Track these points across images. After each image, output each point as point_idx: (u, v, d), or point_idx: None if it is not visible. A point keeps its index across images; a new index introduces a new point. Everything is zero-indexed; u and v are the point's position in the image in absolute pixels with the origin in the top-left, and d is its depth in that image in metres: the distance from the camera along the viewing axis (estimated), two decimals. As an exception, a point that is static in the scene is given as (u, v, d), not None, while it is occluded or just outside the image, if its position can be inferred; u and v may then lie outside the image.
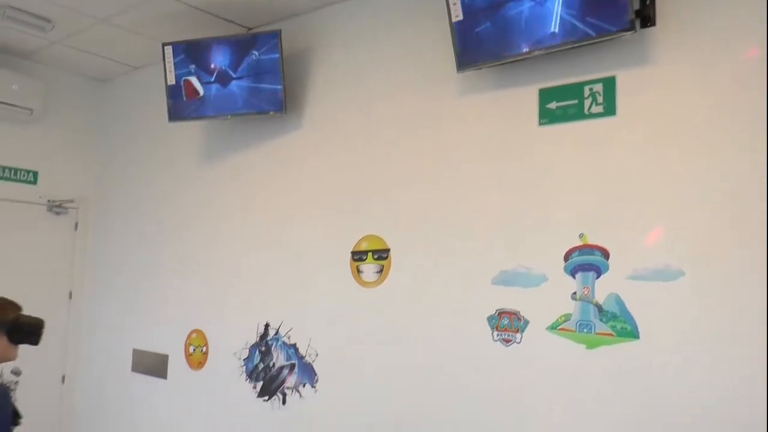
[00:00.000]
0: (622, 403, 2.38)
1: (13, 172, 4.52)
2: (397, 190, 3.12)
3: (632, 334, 2.37)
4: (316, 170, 3.48)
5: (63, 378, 4.76)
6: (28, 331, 2.48)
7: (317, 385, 3.32)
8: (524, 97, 2.74)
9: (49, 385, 4.65)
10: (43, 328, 2.54)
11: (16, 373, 2.81)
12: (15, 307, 2.50)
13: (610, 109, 2.50)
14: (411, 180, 3.07)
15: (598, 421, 2.42)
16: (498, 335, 2.71)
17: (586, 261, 2.50)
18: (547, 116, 2.66)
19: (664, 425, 2.28)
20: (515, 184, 2.74)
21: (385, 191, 3.16)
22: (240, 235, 3.82)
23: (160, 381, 4.19)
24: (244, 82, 3.50)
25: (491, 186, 2.81)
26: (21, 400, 3.34)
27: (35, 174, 4.63)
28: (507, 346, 2.68)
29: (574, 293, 2.52)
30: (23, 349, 2.49)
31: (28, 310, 2.67)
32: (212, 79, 3.59)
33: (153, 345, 4.28)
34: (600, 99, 2.52)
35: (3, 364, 2.55)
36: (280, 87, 3.40)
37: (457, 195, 2.91)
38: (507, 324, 2.68)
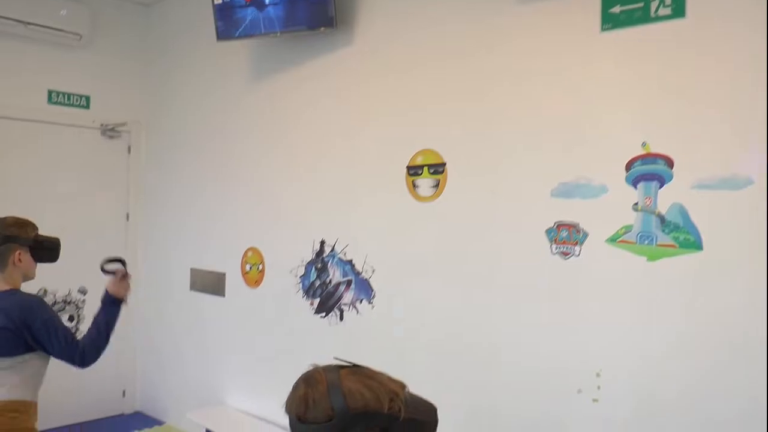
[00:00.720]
0: (684, 316, 2.35)
1: (66, 97, 4.59)
2: (453, 103, 3.05)
3: (695, 245, 2.32)
4: (369, 85, 3.43)
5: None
6: (48, 248, 2.60)
7: (374, 301, 3.37)
8: (586, 3, 2.61)
9: (113, 304, 4.83)
10: (60, 245, 2.66)
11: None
12: (33, 225, 2.59)
13: (679, 11, 2.36)
14: (467, 92, 3.00)
15: (659, 333, 2.41)
16: (556, 248, 2.69)
17: (649, 170, 2.43)
18: (610, 21, 2.55)
19: (726, 335, 2.25)
20: (576, 92, 2.65)
21: (441, 105, 3.10)
22: (293, 153, 3.83)
23: (218, 299, 4.31)
24: (292, -2, 3.42)
25: (551, 96, 2.72)
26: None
27: (87, 98, 4.69)
28: (565, 259, 2.66)
29: (636, 204, 2.46)
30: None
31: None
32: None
33: (210, 264, 4.39)
34: (668, 0, 2.39)
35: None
36: (330, 1, 3.32)
37: (515, 106, 2.83)
38: (566, 237, 2.66)
